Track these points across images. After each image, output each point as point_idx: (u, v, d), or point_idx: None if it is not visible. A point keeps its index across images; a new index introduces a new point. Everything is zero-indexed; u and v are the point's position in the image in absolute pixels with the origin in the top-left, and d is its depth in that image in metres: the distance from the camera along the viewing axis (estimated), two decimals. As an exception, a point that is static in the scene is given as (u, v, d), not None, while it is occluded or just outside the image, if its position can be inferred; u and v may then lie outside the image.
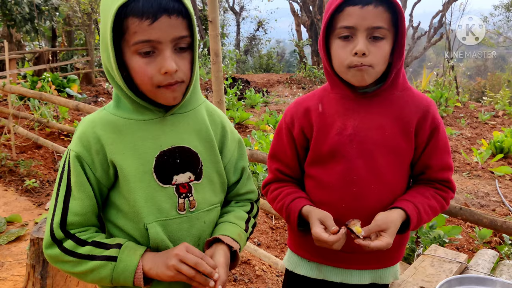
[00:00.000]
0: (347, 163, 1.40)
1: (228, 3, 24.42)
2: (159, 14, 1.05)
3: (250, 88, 12.01)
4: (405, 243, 1.57)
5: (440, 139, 1.42)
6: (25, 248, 3.59)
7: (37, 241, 2.50)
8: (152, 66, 1.09)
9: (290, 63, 26.32)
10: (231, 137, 1.36)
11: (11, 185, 5.14)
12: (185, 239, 1.22)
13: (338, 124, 1.42)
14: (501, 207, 4.93)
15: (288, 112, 1.53)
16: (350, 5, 1.28)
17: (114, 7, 1.04)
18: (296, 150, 1.51)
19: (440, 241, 3.32)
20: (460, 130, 8.67)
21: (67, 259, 1.13)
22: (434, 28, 19.79)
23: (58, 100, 5.16)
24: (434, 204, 1.42)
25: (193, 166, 1.24)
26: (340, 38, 1.33)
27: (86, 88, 12.48)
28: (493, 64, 32.62)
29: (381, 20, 1.28)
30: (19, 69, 11.51)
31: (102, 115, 1.20)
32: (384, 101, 1.41)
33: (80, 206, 1.15)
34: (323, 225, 1.33)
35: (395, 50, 1.35)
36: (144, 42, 1.07)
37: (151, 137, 1.19)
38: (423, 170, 1.45)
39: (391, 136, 1.39)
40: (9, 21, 12.22)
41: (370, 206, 1.39)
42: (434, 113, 1.41)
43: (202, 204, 1.26)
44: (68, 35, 17.13)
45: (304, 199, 1.46)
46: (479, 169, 6.23)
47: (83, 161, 1.15)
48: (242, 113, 8.48)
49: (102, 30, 1.12)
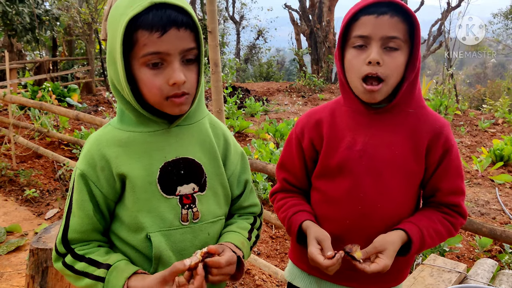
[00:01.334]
0: (355, 179, 1.37)
1: (228, 13, 24.55)
2: (168, 27, 1.07)
3: (250, 97, 12.03)
4: (410, 265, 1.53)
5: (452, 162, 1.37)
6: (24, 258, 3.58)
7: (36, 251, 2.49)
8: (161, 77, 1.11)
9: (290, 71, 26.36)
10: (234, 150, 1.37)
11: (11, 195, 5.14)
12: (188, 250, 1.23)
13: (348, 138, 1.39)
14: (502, 215, 4.92)
15: (299, 123, 1.51)
16: (365, 14, 1.27)
17: (124, 20, 1.06)
18: (305, 161, 1.49)
19: (441, 250, 3.31)
20: (460, 138, 8.67)
21: (68, 273, 1.18)
22: (433, 36, 19.89)
23: (58, 110, 5.17)
24: (440, 228, 1.37)
25: (197, 178, 1.25)
26: (354, 48, 1.30)
27: (86, 98, 12.51)
28: (493, 72, 32.70)
29: (396, 31, 1.26)
30: (20, 78, 11.57)
31: (107, 131, 1.23)
32: (396, 117, 1.37)
33: (79, 224, 1.18)
34: (320, 245, 1.31)
35: (409, 63, 1.32)
36: (154, 54, 1.09)
37: (156, 148, 1.21)
38: (433, 192, 1.41)
39: (402, 154, 1.35)
40: (10, 31, 12.27)
41: (374, 225, 1.35)
42: (447, 134, 1.37)
43: (206, 216, 1.27)
44: (68, 44, 17.20)
45: (306, 213, 1.43)
46: (479, 177, 6.22)
47: (87, 179, 1.18)
48: (242, 122, 8.49)
49: (110, 43, 1.14)
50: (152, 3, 1.06)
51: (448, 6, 18.05)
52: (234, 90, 12.67)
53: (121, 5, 1.12)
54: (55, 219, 4.50)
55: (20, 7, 11.88)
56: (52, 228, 2.67)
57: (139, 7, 1.06)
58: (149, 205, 1.19)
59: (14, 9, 11.74)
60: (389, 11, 1.25)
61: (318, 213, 1.45)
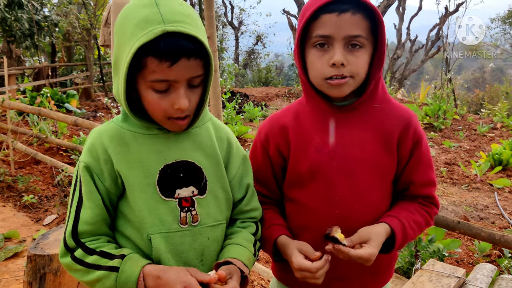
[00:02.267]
0: (328, 183, 1.32)
1: (227, 18, 24.59)
2: (179, 57, 1.08)
3: (248, 102, 12.04)
4: (393, 264, 1.50)
5: (422, 153, 1.35)
6: (22, 264, 3.57)
7: (34, 258, 2.48)
8: (166, 100, 1.14)
9: (289, 76, 26.39)
10: (236, 153, 1.37)
11: (9, 201, 5.13)
12: (187, 253, 1.23)
13: (317, 141, 1.34)
14: (501, 219, 4.92)
15: (263, 130, 1.46)
16: (326, 12, 1.20)
17: (135, 46, 1.06)
18: (273, 170, 1.44)
19: (440, 254, 3.30)
20: (458, 142, 8.67)
21: (77, 267, 1.16)
22: (432, 41, 19.93)
23: (57, 116, 5.17)
24: (419, 219, 1.35)
25: (196, 181, 1.26)
26: (316, 47, 1.25)
27: (85, 103, 12.51)
28: (491, 76, 32.79)
29: (359, 28, 1.21)
30: (19, 84, 11.57)
31: (110, 126, 1.25)
32: (363, 114, 1.33)
33: (90, 215, 1.18)
34: (303, 254, 1.26)
35: (374, 59, 1.28)
36: (162, 81, 1.11)
37: (156, 150, 1.22)
38: (406, 186, 1.38)
39: (373, 151, 1.32)
40: (9, 37, 12.30)
41: (354, 229, 1.28)
42: (416, 125, 1.34)
43: (206, 219, 1.26)
44: (67, 50, 17.22)
45: (280, 226, 1.38)
46: (478, 182, 6.22)
47: (92, 171, 1.19)
48: (241, 127, 8.50)
49: (116, 54, 1.15)
50: (164, 31, 1.06)
51: (446, 11, 18.12)
52: (233, 95, 12.68)
53: (130, 21, 1.11)
54: (53, 225, 4.49)
55: (19, 13, 11.92)
56: (50, 234, 2.66)
57: (152, 34, 1.06)
58: (148, 206, 1.20)
59: (13, 15, 11.77)
60: (351, 8, 1.19)
61: (295, 224, 1.40)
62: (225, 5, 24.13)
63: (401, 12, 20.36)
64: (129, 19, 1.11)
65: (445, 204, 5.31)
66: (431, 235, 3.41)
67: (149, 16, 1.08)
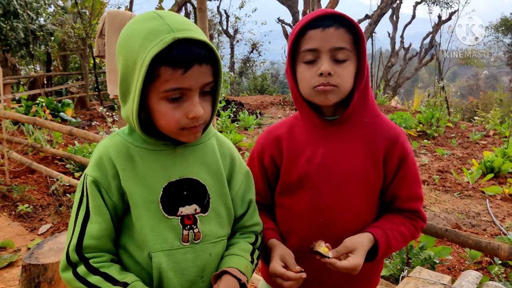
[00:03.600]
0: (315, 192, 1.39)
1: (222, 27, 24.71)
2: (192, 64, 1.08)
3: (243, 110, 12.10)
4: (379, 272, 1.54)
5: (409, 169, 1.40)
6: (17, 274, 3.58)
7: (28, 267, 2.50)
8: (180, 110, 1.13)
9: (285, 84, 26.50)
10: (239, 169, 1.37)
11: (4, 211, 5.13)
12: (189, 270, 1.23)
13: (308, 152, 1.41)
14: (492, 226, 4.97)
15: (259, 141, 1.54)
16: (312, 28, 1.31)
17: (148, 57, 1.05)
18: (267, 179, 1.51)
19: (431, 261, 3.34)
20: (451, 150, 8.74)
21: (79, 285, 1.14)
22: (425, 49, 20.10)
23: (52, 125, 5.20)
24: (404, 230, 1.39)
25: (200, 199, 1.25)
26: (305, 63, 1.34)
27: (80, 112, 12.54)
28: (485, 84, 33.05)
29: (343, 41, 1.30)
30: (14, 93, 11.58)
31: (116, 140, 1.23)
32: (352, 128, 1.40)
33: (97, 229, 1.16)
34: (284, 262, 1.31)
35: (358, 71, 1.36)
36: (176, 90, 1.10)
37: (161, 167, 1.21)
38: (392, 199, 1.43)
39: (360, 164, 1.38)
40: (4, 46, 12.33)
41: (338, 236, 1.33)
42: (403, 142, 1.40)
43: (208, 237, 1.26)
44: (63, 59, 17.25)
45: (271, 231, 1.45)
46: (470, 189, 6.28)
47: (100, 186, 1.17)
48: (236, 135, 8.53)
49: (124, 72, 1.13)
50: (175, 39, 1.05)
51: (439, 19, 18.30)
52: (228, 104, 12.74)
53: (137, 35, 1.10)
54: (48, 235, 4.50)
55: (15, 23, 11.96)
56: (44, 244, 2.68)
57: (163, 43, 1.05)
58: (151, 224, 1.19)
59: (9, 24, 11.82)
60: (334, 23, 1.29)
61: (282, 228, 1.47)
62: (220, 14, 24.27)
63: (394, 20, 20.55)
64: (135, 34, 1.11)
65: (437, 211, 5.36)
66: (422, 243, 3.45)
67: (156, 27, 1.08)
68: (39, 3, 13.19)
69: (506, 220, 5.15)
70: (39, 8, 13.24)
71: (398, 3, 19.81)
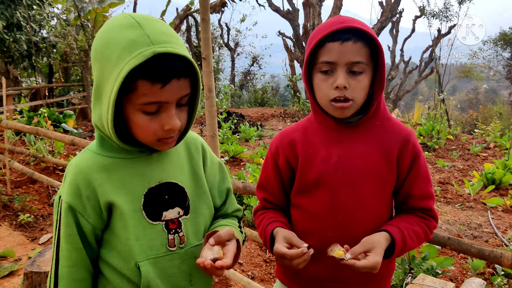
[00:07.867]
0: (332, 192, 1.42)
1: (223, 40, 24.83)
2: (170, 78, 1.06)
3: (244, 122, 12.13)
4: (391, 272, 1.57)
5: (420, 168, 1.44)
6: (18, 283, 3.57)
7: (30, 275, 2.50)
8: (156, 122, 1.12)
9: (285, 97, 26.58)
10: (210, 160, 1.39)
11: (5, 220, 5.13)
12: (176, 276, 1.23)
13: (323, 153, 1.45)
14: (494, 238, 4.96)
15: (274, 143, 1.57)
16: (330, 41, 1.33)
17: (125, 70, 1.03)
18: (282, 180, 1.54)
19: (433, 272, 3.33)
20: (452, 162, 8.74)
21: None
22: (425, 62, 20.20)
23: (54, 135, 5.22)
24: (418, 230, 1.42)
25: (181, 201, 1.26)
26: (321, 73, 1.37)
27: (81, 123, 12.58)
28: (484, 97, 33.18)
29: (360, 55, 1.33)
30: (16, 105, 11.63)
31: (87, 156, 1.20)
32: (366, 130, 1.45)
33: (67, 258, 1.15)
34: (289, 243, 1.35)
35: (375, 81, 1.40)
36: (153, 103, 1.08)
37: (138, 174, 1.20)
38: (405, 199, 1.47)
39: (375, 164, 1.42)
40: (7, 58, 12.41)
41: (355, 235, 1.38)
42: (414, 142, 1.45)
43: (192, 239, 1.27)
44: (65, 71, 17.35)
45: (279, 223, 1.47)
46: (472, 201, 6.27)
47: (75, 211, 1.15)
48: (237, 147, 8.54)
49: (99, 79, 1.11)
50: (155, 53, 1.03)
51: (438, 33, 18.42)
52: (229, 116, 12.78)
53: (115, 44, 1.06)
54: (49, 244, 4.49)
55: (18, 35, 12.05)
56: (46, 252, 2.68)
57: (141, 56, 1.02)
58: (136, 232, 1.18)
59: (12, 36, 11.90)
60: (353, 37, 1.32)
61: (299, 229, 1.49)
62: (221, 27, 24.40)
63: (394, 34, 20.66)
64: (113, 43, 1.07)
65: (439, 222, 5.35)
66: (424, 253, 3.45)
67: (136, 38, 1.04)
68: (42, 15, 13.30)
69: (508, 231, 5.14)
70: (42, 21, 13.36)
71: (398, 17, 19.96)
